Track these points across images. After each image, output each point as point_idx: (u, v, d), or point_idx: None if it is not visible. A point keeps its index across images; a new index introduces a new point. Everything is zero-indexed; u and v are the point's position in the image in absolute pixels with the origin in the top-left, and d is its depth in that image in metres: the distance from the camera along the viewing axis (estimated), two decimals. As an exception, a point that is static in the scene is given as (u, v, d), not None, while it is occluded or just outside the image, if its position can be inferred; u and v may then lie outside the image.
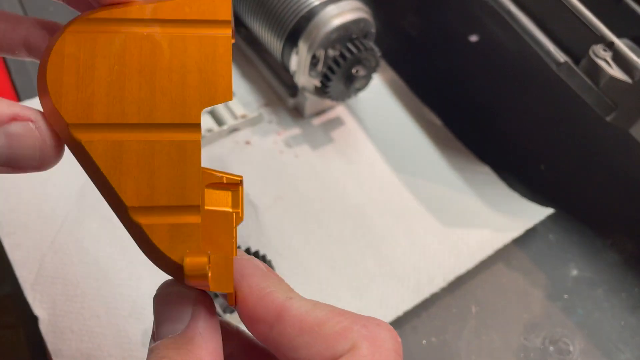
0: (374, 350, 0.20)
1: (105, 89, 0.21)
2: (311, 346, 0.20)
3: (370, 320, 0.21)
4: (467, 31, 0.65)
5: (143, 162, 0.21)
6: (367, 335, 0.20)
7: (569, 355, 0.44)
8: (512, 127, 0.60)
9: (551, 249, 0.50)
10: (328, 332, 0.20)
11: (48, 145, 0.21)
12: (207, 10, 0.23)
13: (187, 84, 0.22)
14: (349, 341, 0.20)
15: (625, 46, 0.41)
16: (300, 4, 0.49)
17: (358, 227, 0.49)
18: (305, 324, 0.21)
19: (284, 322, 0.21)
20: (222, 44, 0.23)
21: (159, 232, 0.21)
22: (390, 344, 0.21)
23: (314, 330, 0.20)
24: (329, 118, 0.57)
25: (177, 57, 0.22)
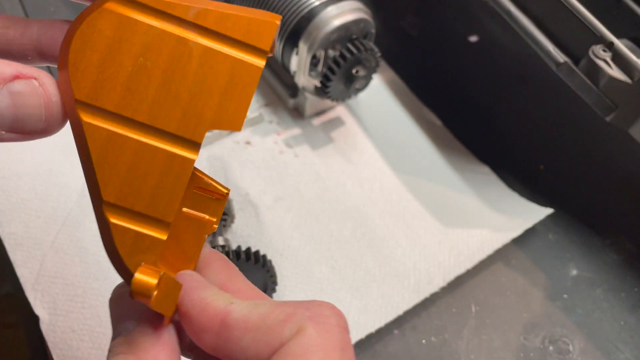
0: (319, 328, 0.20)
1: (124, 78, 0.21)
2: (258, 341, 0.20)
3: (312, 303, 0.22)
4: (467, 31, 0.65)
5: (134, 162, 0.21)
6: (310, 316, 0.21)
7: (568, 355, 0.44)
8: (512, 127, 0.60)
9: (551, 248, 0.50)
10: (272, 323, 0.21)
11: (54, 103, 0.21)
12: (250, 32, 0.22)
13: (203, 101, 0.22)
14: (294, 325, 0.20)
15: (624, 46, 0.41)
16: (300, 5, 0.49)
17: (358, 227, 0.49)
18: (249, 323, 0.21)
19: (228, 326, 0.21)
20: (251, 73, 0.22)
21: (124, 235, 0.21)
22: (333, 320, 0.21)
23: (258, 325, 0.21)
24: (329, 118, 0.57)
25: (203, 70, 0.22)
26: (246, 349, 0.21)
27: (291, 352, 0.20)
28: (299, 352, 0.20)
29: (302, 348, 0.20)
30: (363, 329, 0.43)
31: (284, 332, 0.20)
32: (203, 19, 0.21)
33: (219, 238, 0.44)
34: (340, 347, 0.20)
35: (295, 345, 0.20)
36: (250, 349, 0.20)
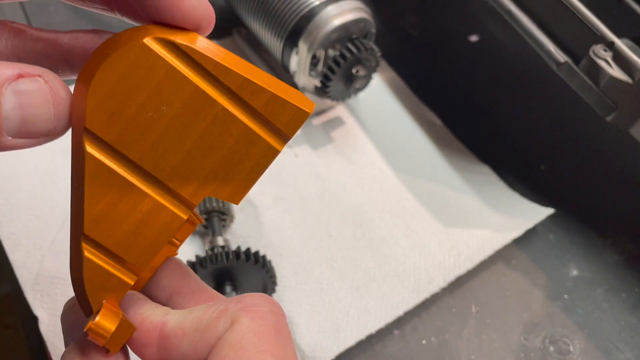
0: (251, 316, 0.21)
1: (140, 121, 0.20)
2: (197, 342, 0.21)
3: (243, 296, 0.22)
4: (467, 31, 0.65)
5: (124, 204, 0.21)
6: (242, 307, 0.21)
7: (569, 355, 0.44)
8: (512, 127, 0.60)
9: (551, 249, 0.50)
10: (207, 323, 0.21)
11: (62, 100, 0.20)
12: (280, 115, 0.21)
13: (211, 167, 0.21)
14: (227, 319, 0.21)
15: (625, 46, 0.41)
16: (300, 4, 0.49)
17: (358, 227, 0.49)
18: (185, 328, 0.21)
19: (166, 336, 0.22)
20: (267, 154, 0.21)
21: (94, 271, 0.21)
22: (265, 307, 0.22)
23: (194, 328, 0.21)
24: (329, 118, 0.57)
25: (221, 136, 0.21)
26: (186, 353, 0.21)
27: (227, 344, 0.20)
28: (234, 342, 0.20)
29: (237, 337, 0.20)
30: (363, 330, 0.43)
31: (219, 327, 0.21)
32: (240, 87, 0.20)
33: (219, 238, 0.44)
34: (274, 331, 0.21)
35: (230, 336, 0.21)
36: (190, 353, 0.21)
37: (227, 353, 0.20)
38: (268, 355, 0.20)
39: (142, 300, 0.23)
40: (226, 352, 0.20)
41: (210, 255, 0.39)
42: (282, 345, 0.21)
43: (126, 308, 0.23)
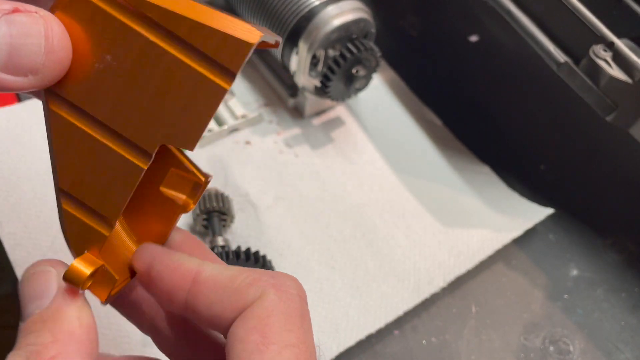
0: (280, 295, 0.22)
1: (90, 74, 0.20)
2: (224, 299, 0.22)
3: (277, 273, 0.23)
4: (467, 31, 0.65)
5: (89, 158, 0.21)
6: (274, 284, 0.22)
7: (568, 355, 0.44)
8: (512, 127, 0.60)
9: (551, 249, 0.50)
10: (239, 285, 0.22)
11: (55, 34, 0.19)
12: (222, 49, 0.20)
13: (161, 113, 0.21)
14: (258, 290, 0.22)
15: (625, 46, 0.41)
16: (300, 4, 0.49)
17: (358, 227, 0.49)
18: (218, 281, 0.22)
19: (198, 283, 0.22)
20: (214, 94, 0.20)
21: (72, 223, 0.22)
22: (294, 289, 0.22)
23: (226, 285, 0.22)
24: (329, 118, 0.57)
25: (168, 81, 0.20)
26: (212, 305, 0.22)
27: (255, 315, 0.21)
28: (262, 315, 0.21)
29: (265, 311, 0.21)
30: (363, 329, 0.43)
31: (249, 294, 0.21)
32: (176, 25, 0.20)
33: (219, 238, 0.44)
34: (300, 315, 0.22)
35: (259, 308, 0.21)
36: (216, 306, 0.22)
37: (255, 324, 0.21)
38: (293, 336, 0.21)
39: (180, 253, 0.24)
40: (254, 324, 0.21)
41: (210, 255, 0.39)
42: (305, 330, 0.22)
43: (159, 254, 0.23)
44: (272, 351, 0.20)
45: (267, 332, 0.21)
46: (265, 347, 0.20)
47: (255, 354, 0.20)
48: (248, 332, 0.21)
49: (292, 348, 0.21)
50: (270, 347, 0.20)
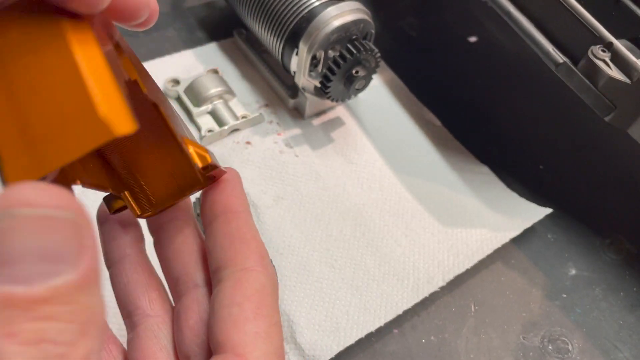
0: (268, 278, 0.25)
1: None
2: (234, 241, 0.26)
3: (264, 256, 0.26)
4: (467, 32, 0.65)
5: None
6: (266, 266, 0.26)
7: (567, 354, 0.44)
8: (511, 127, 0.60)
9: (550, 248, 0.51)
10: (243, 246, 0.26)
11: None
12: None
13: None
14: (255, 265, 0.25)
15: (624, 47, 0.41)
16: (300, 5, 0.49)
17: (358, 226, 0.49)
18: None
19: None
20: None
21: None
22: (275, 277, 0.26)
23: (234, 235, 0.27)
24: (329, 118, 0.57)
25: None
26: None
27: (252, 286, 0.24)
28: (258, 289, 0.24)
29: (261, 287, 0.24)
30: (363, 328, 0.43)
31: (248, 259, 0.25)
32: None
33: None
34: (277, 299, 0.25)
35: (256, 282, 0.24)
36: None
37: (252, 294, 0.24)
38: (277, 315, 0.24)
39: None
40: (251, 293, 0.24)
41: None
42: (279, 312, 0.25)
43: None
44: (264, 323, 0.23)
45: (262, 306, 0.23)
46: (259, 316, 0.23)
47: (249, 321, 0.23)
48: (244, 299, 0.23)
49: (277, 326, 0.23)
50: (264, 319, 0.23)
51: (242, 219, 0.26)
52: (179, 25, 0.63)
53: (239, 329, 0.22)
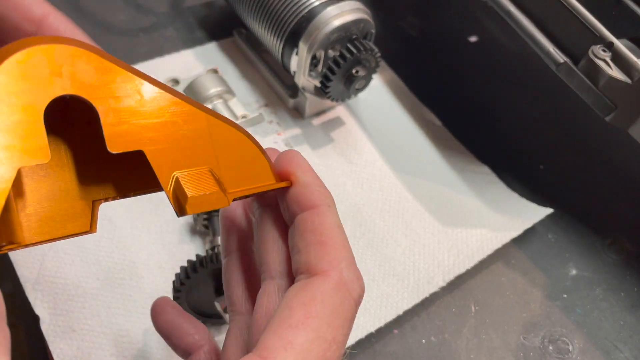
0: (342, 292, 0.23)
1: None
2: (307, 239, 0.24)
3: (351, 266, 0.24)
4: (467, 32, 0.65)
5: None
6: (342, 279, 0.23)
7: (568, 355, 0.44)
8: (512, 127, 0.60)
9: (550, 248, 0.51)
10: (318, 247, 0.24)
11: None
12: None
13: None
14: (329, 269, 0.23)
15: (624, 47, 0.41)
16: (300, 5, 0.49)
17: (358, 226, 0.49)
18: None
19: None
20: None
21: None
22: (356, 294, 0.24)
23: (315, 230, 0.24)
24: (329, 118, 0.57)
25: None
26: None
27: (311, 292, 0.22)
28: (317, 297, 0.22)
29: (322, 295, 0.22)
30: (363, 329, 0.43)
31: (319, 262, 0.23)
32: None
33: (219, 238, 0.44)
34: (345, 317, 0.23)
35: (318, 289, 0.23)
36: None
37: (307, 301, 0.22)
38: (330, 332, 0.22)
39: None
40: (307, 300, 0.22)
41: (211, 255, 0.39)
42: (344, 332, 0.23)
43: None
44: (307, 334, 0.21)
45: (312, 315, 0.21)
46: (302, 326, 0.21)
47: (291, 328, 0.21)
48: (298, 304, 0.22)
49: (324, 342, 0.21)
50: (307, 330, 0.21)
51: (320, 214, 0.24)
52: (179, 25, 0.63)
53: (278, 333, 0.21)
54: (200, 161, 0.23)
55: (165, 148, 0.22)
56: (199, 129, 0.22)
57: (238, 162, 0.24)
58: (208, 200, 0.22)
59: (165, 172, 0.22)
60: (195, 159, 0.23)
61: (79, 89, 0.20)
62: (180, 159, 0.22)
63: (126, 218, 0.46)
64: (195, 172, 0.23)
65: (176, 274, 0.39)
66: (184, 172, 0.23)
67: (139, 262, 0.44)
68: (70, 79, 0.19)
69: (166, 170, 0.22)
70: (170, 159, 0.22)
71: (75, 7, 0.61)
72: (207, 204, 0.22)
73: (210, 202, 0.22)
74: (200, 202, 0.22)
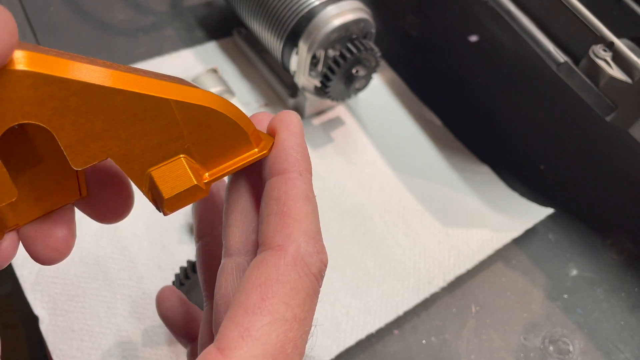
0: (298, 267, 0.21)
1: None
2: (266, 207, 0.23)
3: (312, 240, 0.23)
4: (467, 31, 0.65)
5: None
6: (300, 253, 0.22)
7: (568, 355, 0.44)
8: (512, 127, 0.60)
9: (551, 248, 0.50)
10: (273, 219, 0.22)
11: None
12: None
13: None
14: (284, 244, 0.22)
15: (625, 46, 0.41)
16: (300, 4, 0.49)
17: (358, 227, 0.49)
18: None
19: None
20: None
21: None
22: (315, 268, 0.22)
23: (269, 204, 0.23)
24: (329, 118, 0.57)
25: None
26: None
27: (265, 272, 0.21)
28: (272, 276, 0.21)
29: (276, 273, 0.21)
30: (363, 329, 0.43)
31: (274, 237, 0.22)
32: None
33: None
34: (307, 293, 0.21)
35: (272, 268, 0.21)
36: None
37: (262, 282, 0.20)
38: (290, 311, 0.21)
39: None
40: (261, 281, 0.21)
41: (211, 254, 0.39)
42: (306, 309, 0.21)
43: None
44: (264, 318, 0.20)
45: (268, 297, 0.20)
46: (259, 310, 0.20)
47: (247, 314, 0.20)
48: (253, 286, 0.20)
49: (284, 323, 0.20)
50: (264, 314, 0.20)
51: (288, 181, 0.22)
52: (178, 25, 0.63)
53: (235, 321, 0.20)
54: (172, 150, 0.21)
55: (132, 147, 0.21)
56: (165, 115, 0.21)
57: (213, 138, 0.22)
58: (185, 197, 0.21)
59: (137, 172, 0.21)
60: (166, 149, 0.21)
61: (25, 116, 0.18)
62: (150, 153, 0.21)
63: (126, 218, 0.46)
64: (169, 165, 0.22)
65: (175, 275, 0.39)
66: (158, 167, 0.21)
67: (139, 262, 0.44)
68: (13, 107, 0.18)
69: (138, 170, 0.21)
70: (140, 158, 0.21)
71: (75, 7, 0.61)
72: (185, 201, 0.21)
73: (187, 198, 0.21)
74: (177, 201, 0.21)
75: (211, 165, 0.23)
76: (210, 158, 0.23)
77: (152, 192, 0.22)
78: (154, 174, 0.21)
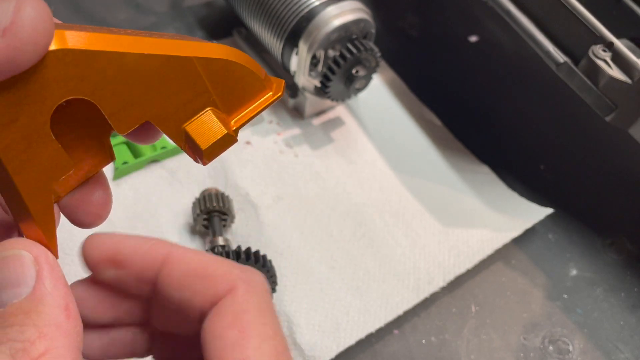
0: (250, 290, 0.22)
1: None
2: (195, 286, 0.22)
3: (245, 267, 0.23)
4: (467, 31, 0.65)
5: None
6: (244, 279, 0.22)
7: (568, 355, 0.44)
8: (512, 127, 0.60)
9: (550, 248, 0.50)
10: (210, 274, 0.22)
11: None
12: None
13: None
14: (229, 283, 0.22)
15: (624, 46, 0.41)
16: (300, 4, 0.49)
17: (358, 227, 0.49)
18: (190, 266, 0.23)
19: (170, 265, 0.23)
20: None
21: None
22: (261, 285, 0.23)
23: (197, 272, 0.22)
24: (329, 118, 0.57)
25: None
26: (182, 289, 0.22)
27: (229, 310, 0.21)
28: (236, 310, 0.21)
29: (240, 306, 0.22)
30: (363, 329, 0.43)
31: (219, 286, 0.22)
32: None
33: (219, 238, 0.44)
34: (269, 308, 0.22)
35: (233, 304, 0.22)
36: (185, 291, 0.22)
37: (231, 320, 0.21)
38: (269, 328, 0.21)
39: (144, 236, 0.24)
40: (230, 320, 0.21)
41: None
42: (276, 322, 0.22)
43: (127, 240, 0.23)
44: (252, 345, 0.21)
45: (245, 327, 0.21)
46: (245, 341, 0.21)
47: (237, 349, 0.20)
48: (225, 329, 0.21)
49: (270, 340, 0.21)
50: (250, 341, 0.21)
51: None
52: (178, 25, 0.63)
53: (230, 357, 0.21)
54: (200, 104, 0.23)
55: (166, 107, 0.22)
56: (190, 73, 0.22)
57: (233, 88, 0.24)
58: (219, 145, 0.23)
59: (174, 130, 0.23)
60: (195, 104, 0.23)
61: (71, 92, 0.20)
62: (182, 111, 0.23)
63: (126, 218, 0.46)
64: (200, 119, 0.23)
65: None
66: (190, 122, 0.23)
67: (139, 262, 0.44)
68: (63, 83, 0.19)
69: (174, 127, 0.23)
70: (174, 116, 0.22)
71: (75, 7, 0.61)
72: (220, 149, 0.24)
73: (221, 146, 0.24)
74: (213, 150, 0.23)
75: (235, 113, 0.25)
76: (233, 106, 0.25)
77: (190, 146, 0.23)
78: (188, 129, 0.23)
